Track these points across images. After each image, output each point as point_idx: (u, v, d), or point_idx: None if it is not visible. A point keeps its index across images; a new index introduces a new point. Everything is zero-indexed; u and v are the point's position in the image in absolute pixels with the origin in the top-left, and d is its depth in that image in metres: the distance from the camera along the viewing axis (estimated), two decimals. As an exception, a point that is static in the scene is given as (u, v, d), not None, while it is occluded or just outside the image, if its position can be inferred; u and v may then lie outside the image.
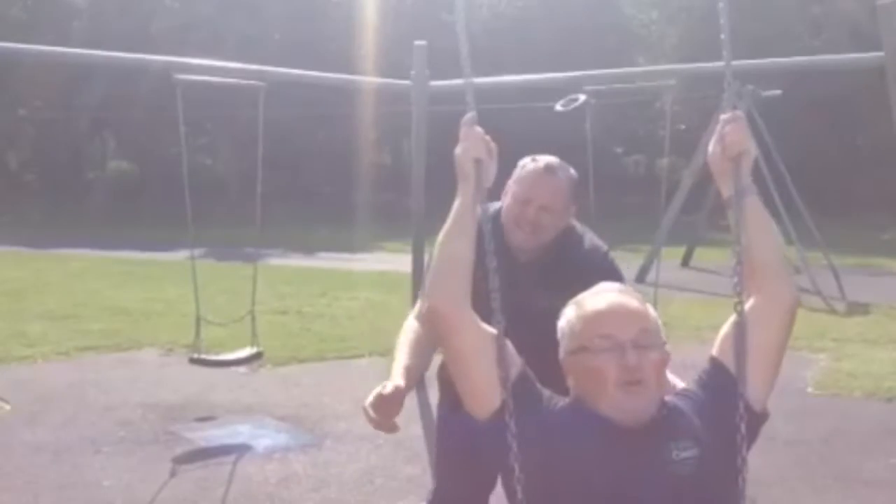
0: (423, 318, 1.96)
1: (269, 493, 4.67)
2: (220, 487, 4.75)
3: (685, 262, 15.09)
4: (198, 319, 5.92)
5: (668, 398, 1.76)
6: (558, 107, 6.63)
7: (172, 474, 4.94)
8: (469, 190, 1.82)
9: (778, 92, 13.33)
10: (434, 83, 6.98)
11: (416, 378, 2.57)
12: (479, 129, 1.85)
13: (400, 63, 7.60)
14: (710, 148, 1.90)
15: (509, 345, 1.76)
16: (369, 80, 11.57)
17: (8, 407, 6.24)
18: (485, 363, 1.72)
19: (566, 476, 1.64)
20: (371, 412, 2.44)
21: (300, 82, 9.42)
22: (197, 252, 6.30)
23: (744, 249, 1.81)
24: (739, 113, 1.90)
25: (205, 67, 6.44)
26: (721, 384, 1.76)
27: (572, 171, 2.68)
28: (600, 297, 1.80)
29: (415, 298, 2.98)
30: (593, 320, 1.73)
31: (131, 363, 7.75)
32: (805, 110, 23.74)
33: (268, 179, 6.39)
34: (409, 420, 6.05)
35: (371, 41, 25.19)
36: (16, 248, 16.94)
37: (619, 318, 1.72)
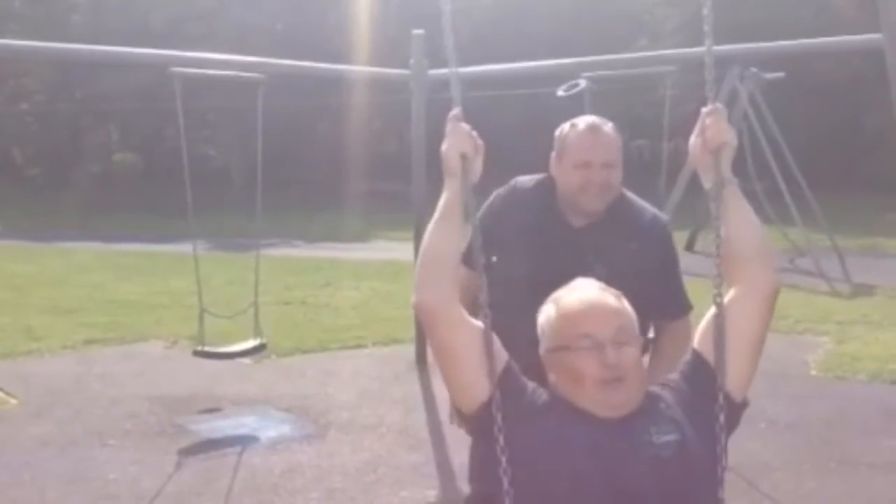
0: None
1: (273, 484, 4.70)
2: (225, 479, 4.78)
3: (689, 247, 15.06)
4: (201, 312, 5.95)
5: (651, 388, 1.81)
6: (560, 92, 6.64)
7: (178, 466, 4.96)
8: (455, 185, 1.86)
9: (781, 74, 13.27)
10: (433, 72, 7.00)
11: None
12: (464, 125, 1.89)
13: (402, 52, 7.59)
14: (692, 140, 1.92)
15: (496, 339, 1.80)
16: (368, 69, 11.55)
17: (14, 401, 6.27)
18: (472, 357, 1.76)
19: (552, 465, 1.68)
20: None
21: (299, 74, 9.46)
22: (201, 244, 6.32)
23: (724, 241, 1.86)
24: (719, 105, 1.92)
25: (204, 60, 6.47)
26: (702, 377, 1.80)
27: (611, 123, 2.66)
28: (578, 295, 1.82)
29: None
30: (573, 319, 1.77)
31: (137, 356, 7.78)
32: (809, 92, 23.63)
33: (271, 170, 6.38)
34: (412, 408, 6.11)
35: (372, 31, 25.12)
36: (21, 242, 16.99)
37: (598, 316, 1.76)
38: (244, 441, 5.46)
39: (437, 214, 1.87)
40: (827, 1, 25.59)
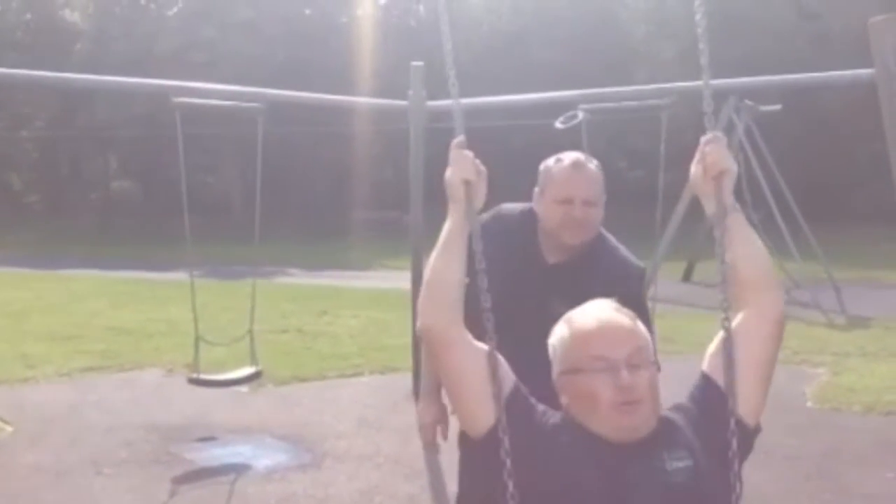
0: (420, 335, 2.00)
1: (269, 513, 4.68)
2: (221, 507, 4.76)
3: (686, 277, 15.10)
4: (196, 340, 5.95)
5: (663, 413, 1.79)
6: (558, 124, 6.70)
7: (172, 495, 4.95)
8: (459, 212, 1.86)
9: (777, 107, 13.38)
10: (431, 103, 7.06)
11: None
12: (468, 151, 1.90)
13: (401, 81, 7.67)
14: (692, 169, 1.92)
15: (502, 361, 1.78)
16: (367, 100, 11.63)
17: (10, 428, 6.25)
18: (478, 380, 1.75)
19: (561, 491, 1.67)
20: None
21: (299, 103, 9.53)
22: (199, 271, 6.34)
23: (729, 266, 1.86)
24: (719, 134, 1.94)
25: (205, 90, 6.52)
26: (712, 400, 1.78)
27: (596, 161, 2.67)
28: (592, 315, 1.80)
29: (415, 316, 3.09)
30: (586, 340, 1.74)
31: (133, 384, 7.77)
32: (804, 124, 23.81)
33: (270, 197, 6.43)
34: (409, 438, 6.09)
35: (372, 61, 25.34)
36: (18, 268, 16.99)
37: (612, 337, 1.73)
38: (239, 470, 5.45)
39: (440, 241, 1.87)
40: (823, 33, 25.87)
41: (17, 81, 8.21)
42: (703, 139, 1.92)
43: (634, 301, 2.47)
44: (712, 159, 1.88)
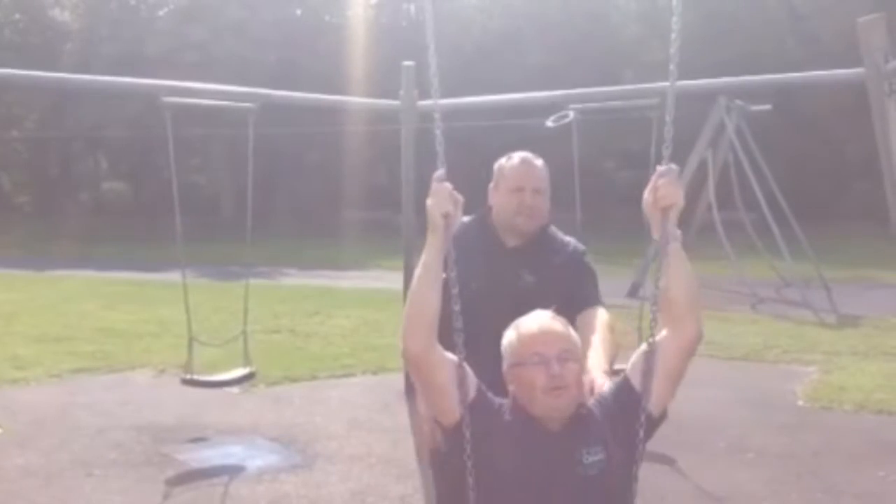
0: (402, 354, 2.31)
1: (260, 514, 4.67)
2: (212, 509, 4.75)
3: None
4: (190, 340, 5.94)
5: (588, 402, 2.25)
6: (549, 123, 6.71)
7: (164, 496, 4.94)
8: (438, 240, 2.18)
9: (767, 107, 13.42)
10: (422, 103, 7.06)
11: None
12: (447, 184, 2.18)
13: (393, 84, 7.67)
14: (645, 195, 2.19)
15: (469, 371, 2.19)
16: (358, 100, 11.62)
17: (0, 430, 6.23)
18: (449, 388, 2.17)
19: (503, 469, 2.15)
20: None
21: (290, 104, 9.51)
22: (192, 271, 6.31)
23: (662, 290, 2.18)
24: (673, 167, 2.18)
25: (195, 90, 6.50)
26: (627, 398, 2.22)
27: (541, 159, 3.08)
28: (533, 322, 2.24)
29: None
30: (527, 341, 2.20)
31: (124, 385, 7.74)
32: (794, 124, 23.89)
33: (261, 198, 6.43)
34: (401, 438, 6.09)
35: (364, 62, 25.30)
36: (8, 269, 16.92)
37: (547, 339, 2.19)
38: (231, 471, 5.43)
39: (419, 270, 2.18)
40: (813, 34, 25.96)
41: (6, 81, 8.18)
42: (659, 169, 2.17)
43: (581, 267, 3.04)
44: (662, 193, 2.15)
